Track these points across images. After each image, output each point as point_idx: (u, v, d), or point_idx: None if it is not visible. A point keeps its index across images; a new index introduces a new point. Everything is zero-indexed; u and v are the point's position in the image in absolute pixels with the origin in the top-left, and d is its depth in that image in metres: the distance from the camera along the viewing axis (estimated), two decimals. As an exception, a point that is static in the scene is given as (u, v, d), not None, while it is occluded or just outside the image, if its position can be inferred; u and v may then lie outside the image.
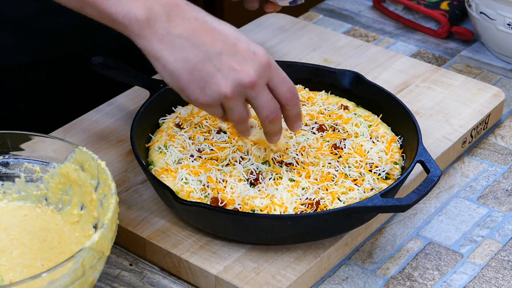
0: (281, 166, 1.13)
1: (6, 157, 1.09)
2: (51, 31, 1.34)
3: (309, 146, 1.16)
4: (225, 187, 1.10)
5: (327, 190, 1.10)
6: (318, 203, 1.08)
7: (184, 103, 1.26)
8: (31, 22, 1.31)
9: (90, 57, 1.27)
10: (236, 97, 1.00)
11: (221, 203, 1.08)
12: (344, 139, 1.18)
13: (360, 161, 1.15)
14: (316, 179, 1.12)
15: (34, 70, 1.36)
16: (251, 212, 1.07)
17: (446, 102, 1.36)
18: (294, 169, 1.13)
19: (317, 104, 1.25)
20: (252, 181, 1.12)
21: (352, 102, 1.27)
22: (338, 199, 1.09)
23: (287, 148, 1.15)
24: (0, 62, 1.33)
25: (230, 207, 1.08)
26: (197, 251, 1.09)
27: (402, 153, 1.18)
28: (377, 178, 1.13)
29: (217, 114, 1.03)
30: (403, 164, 1.17)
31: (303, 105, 1.25)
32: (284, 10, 1.64)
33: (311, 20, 1.63)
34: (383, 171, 1.14)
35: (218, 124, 1.21)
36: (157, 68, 1.00)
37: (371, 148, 1.17)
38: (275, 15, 1.57)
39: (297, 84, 1.30)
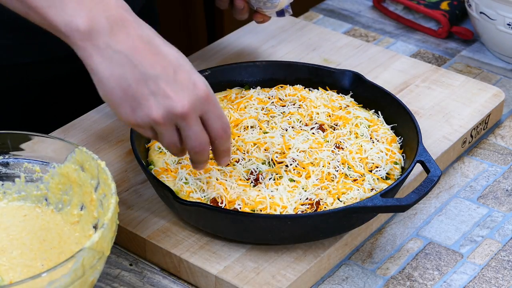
0: (281, 167, 1.13)
1: (6, 157, 1.09)
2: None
3: (309, 146, 1.16)
4: (225, 189, 1.10)
5: (327, 190, 1.10)
6: (318, 203, 1.08)
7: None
8: (30, 22, 1.31)
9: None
10: (166, 124, 0.98)
11: (221, 203, 1.08)
12: (344, 140, 1.18)
13: (360, 161, 1.15)
14: (316, 179, 1.12)
15: (34, 70, 1.36)
16: (251, 212, 1.07)
17: (446, 102, 1.36)
18: (294, 169, 1.13)
19: (317, 104, 1.25)
20: (252, 181, 1.12)
21: (352, 102, 1.27)
22: (338, 199, 1.09)
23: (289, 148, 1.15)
24: (0, 62, 1.33)
25: (230, 207, 1.08)
26: (197, 251, 1.09)
27: (402, 153, 1.18)
28: (377, 178, 1.13)
29: (148, 135, 1.01)
30: (403, 165, 1.17)
31: (301, 105, 1.25)
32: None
33: (311, 20, 1.63)
34: (384, 171, 1.14)
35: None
36: (94, 81, 0.98)
37: (371, 148, 1.17)
38: (275, 15, 1.57)
39: (297, 84, 1.30)
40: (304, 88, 1.29)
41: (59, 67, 1.38)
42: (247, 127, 1.20)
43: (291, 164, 1.14)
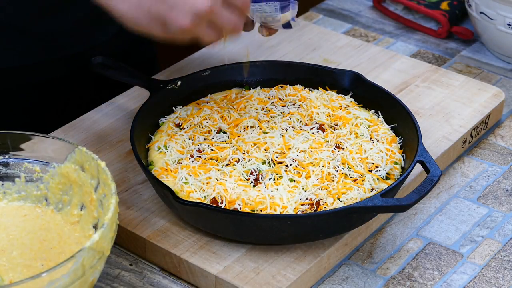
0: (281, 167, 1.13)
1: (6, 157, 1.09)
2: (50, 33, 1.34)
3: (309, 146, 1.16)
4: (225, 189, 1.10)
5: (327, 190, 1.10)
6: (318, 203, 1.08)
7: (184, 104, 1.26)
8: (29, 25, 1.31)
9: (90, 58, 1.27)
10: (199, 25, 1.03)
11: (221, 203, 1.08)
12: (344, 140, 1.18)
13: (360, 161, 1.15)
14: (316, 179, 1.12)
15: (34, 71, 1.36)
16: (251, 212, 1.07)
17: (446, 102, 1.36)
18: (294, 169, 1.13)
19: (317, 104, 1.25)
20: (252, 181, 1.12)
21: (352, 102, 1.27)
22: (338, 199, 1.09)
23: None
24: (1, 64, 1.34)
25: (230, 207, 1.08)
26: (197, 251, 1.09)
27: (402, 153, 1.18)
28: (377, 178, 1.13)
29: (189, 40, 1.07)
30: (403, 165, 1.17)
31: (301, 105, 1.25)
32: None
33: (311, 20, 1.63)
34: (384, 171, 1.14)
35: (218, 124, 1.21)
36: (118, 20, 1.05)
37: (371, 149, 1.17)
38: (275, 15, 1.56)
39: (297, 84, 1.30)
40: (304, 88, 1.29)
41: (60, 67, 1.38)
42: (247, 127, 1.20)
43: (291, 164, 1.14)
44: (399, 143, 1.20)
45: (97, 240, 0.92)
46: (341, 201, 1.09)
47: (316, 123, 1.22)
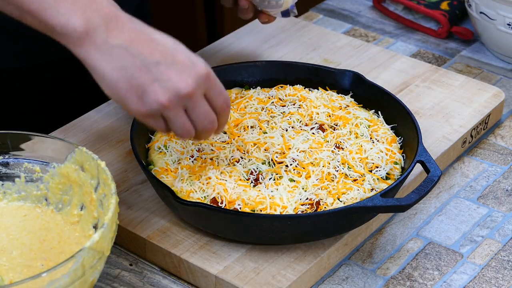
0: (281, 167, 1.13)
1: (6, 157, 1.09)
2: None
3: (309, 146, 1.16)
4: (225, 189, 1.10)
5: (327, 190, 1.10)
6: (318, 203, 1.08)
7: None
8: (28, 25, 1.31)
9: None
10: (175, 107, 1.00)
11: (221, 203, 1.08)
12: (344, 140, 1.18)
13: (360, 161, 1.15)
14: (316, 179, 1.12)
15: (34, 72, 1.36)
16: (251, 212, 1.07)
17: (446, 102, 1.36)
18: (294, 169, 1.13)
19: (317, 104, 1.25)
20: (252, 181, 1.12)
21: (352, 102, 1.27)
22: (338, 199, 1.09)
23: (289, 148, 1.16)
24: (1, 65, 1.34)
25: (230, 207, 1.08)
26: (197, 251, 1.09)
27: (402, 153, 1.18)
28: (377, 178, 1.13)
29: (159, 127, 1.03)
30: (403, 165, 1.17)
31: (301, 105, 1.25)
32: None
33: (311, 20, 1.63)
34: (384, 171, 1.14)
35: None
36: (96, 78, 1.00)
37: (371, 149, 1.17)
38: (275, 15, 1.57)
39: (297, 84, 1.30)
40: (304, 88, 1.29)
41: (60, 68, 1.38)
42: (247, 127, 1.20)
43: (291, 164, 1.14)
44: (399, 143, 1.20)
45: (97, 240, 0.92)
46: (341, 201, 1.09)
47: (316, 123, 1.22)
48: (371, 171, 1.14)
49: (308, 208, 1.08)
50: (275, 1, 1.23)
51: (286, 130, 1.20)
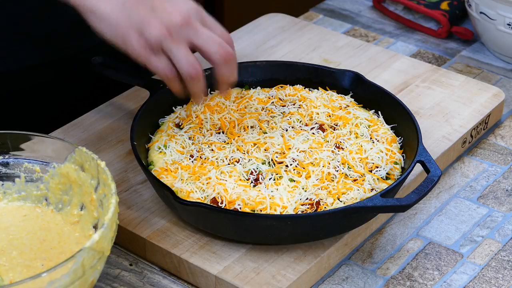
0: (281, 167, 1.13)
1: (6, 157, 1.09)
2: (49, 34, 1.34)
3: (309, 146, 1.16)
4: (225, 189, 1.10)
5: (327, 190, 1.10)
6: (318, 203, 1.08)
7: (183, 104, 1.26)
8: (27, 27, 1.31)
9: (90, 58, 1.27)
10: (175, 38, 1.04)
11: (221, 203, 1.08)
12: (344, 140, 1.18)
13: (360, 161, 1.15)
14: (316, 180, 1.12)
15: (34, 73, 1.36)
16: (251, 212, 1.07)
17: (446, 102, 1.36)
18: (294, 169, 1.13)
19: (317, 104, 1.25)
20: (252, 181, 1.12)
21: (352, 102, 1.27)
22: (338, 199, 1.09)
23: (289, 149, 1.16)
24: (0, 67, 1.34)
25: (230, 207, 1.08)
26: (197, 251, 1.09)
27: (402, 153, 1.18)
28: (377, 178, 1.13)
29: (162, 65, 1.05)
30: (403, 165, 1.17)
31: (301, 105, 1.25)
32: (284, 10, 1.64)
33: (311, 20, 1.63)
34: (384, 171, 1.14)
35: (218, 124, 1.21)
36: (95, 23, 1.04)
37: (371, 149, 1.17)
38: (275, 15, 1.57)
39: (297, 84, 1.30)
40: (304, 88, 1.29)
41: (60, 68, 1.39)
42: (247, 127, 1.20)
43: (291, 164, 1.14)
44: (399, 143, 1.20)
45: (97, 240, 0.92)
46: (341, 201, 1.09)
47: (316, 123, 1.22)
48: (371, 171, 1.14)
49: (308, 208, 1.08)
50: None
51: (286, 130, 1.20)
